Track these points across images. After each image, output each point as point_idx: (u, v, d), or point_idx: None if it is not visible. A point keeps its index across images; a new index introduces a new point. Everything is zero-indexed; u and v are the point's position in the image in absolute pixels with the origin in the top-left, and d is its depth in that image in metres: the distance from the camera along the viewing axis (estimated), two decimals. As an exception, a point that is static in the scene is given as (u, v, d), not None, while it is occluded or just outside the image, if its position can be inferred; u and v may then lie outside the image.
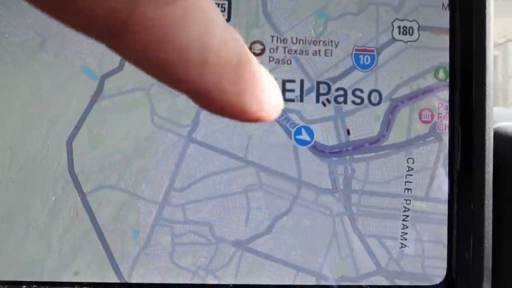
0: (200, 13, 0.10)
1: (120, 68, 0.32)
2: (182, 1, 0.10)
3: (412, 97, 0.34)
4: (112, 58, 0.32)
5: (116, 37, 0.10)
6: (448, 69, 0.35)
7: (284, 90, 0.33)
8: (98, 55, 0.32)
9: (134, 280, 0.32)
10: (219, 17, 0.11)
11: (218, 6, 0.33)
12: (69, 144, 0.32)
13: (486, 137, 0.33)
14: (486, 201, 0.33)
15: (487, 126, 0.33)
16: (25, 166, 0.31)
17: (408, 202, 0.34)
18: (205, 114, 0.33)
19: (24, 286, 0.30)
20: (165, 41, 0.10)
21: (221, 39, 0.11)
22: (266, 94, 0.12)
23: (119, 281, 0.31)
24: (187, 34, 0.10)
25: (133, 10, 0.09)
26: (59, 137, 0.32)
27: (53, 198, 0.31)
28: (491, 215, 0.33)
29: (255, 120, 0.12)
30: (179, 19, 0.10)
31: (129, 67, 0.32)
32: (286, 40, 0.34)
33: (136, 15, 0.10)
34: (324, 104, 0.34)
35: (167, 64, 0.10)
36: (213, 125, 0.33)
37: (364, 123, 0.34)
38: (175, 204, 0.32)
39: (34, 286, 0.30)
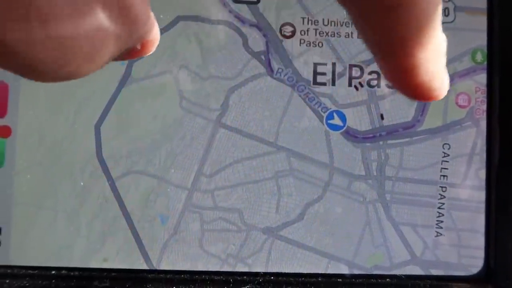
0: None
1: (148, 51, 0.32)
2: None
3: (448, 80, 0.33)
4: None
5: (387, 11, 0.12)
6: (486, 51, 0.33)
7: (315, 74, 0.32)
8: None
9: (164, 267, 0.31)
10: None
11: (248, -13, 0.32)
12: (97, 128, 0.31)
13: (527, 122, 0.32)
14: (527, 188, 0.32)
15: (527, 110, 0.32)
16: (53, 150, 0.31)
17: (444, 189, 0.33)
18: (234, 99, 0.32)
19: (53, 272, 0.30)
20: (421, 18, 0.12)
21: (440, 25, 0.13)
22: (445, 77, 0.14)
23: (148, 268, 0.31)
24: (432, 15, 0.12)
25: None
26: (87, 121, 0.31)
27: (81, 183, 0.31)
28: (532, 203, 0.32)
29: (429, 99, 0.14)
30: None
31: (157, 50, 0.32)
32: (318, 22, 0.33)
33: None
34: (356, 88, 0.33)
35: (403, 39, 0.12)
36: (242, 109, 0.32)
37: (398, 107, 0.33)
38: (204, 190, 0.32)
39: (63, 271, 0.30)
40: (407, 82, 0.14)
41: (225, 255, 0.31)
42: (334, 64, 0.33)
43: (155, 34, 0.14)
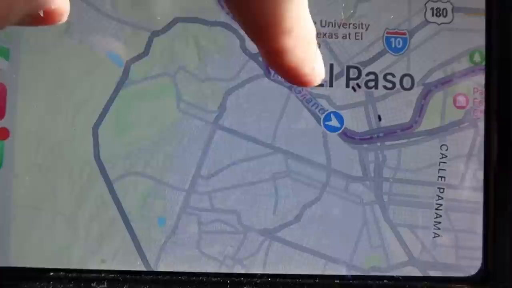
0: None
1: (145, 53, 0.32)
2: None
3: (446, 81, 0.33)
4: (138, 43, 0.32)
5: None
6: (484, 52, 0.33)
7: (312, 75, 0.32)
8: (123, 40, 0.32)
9: (161, 268, 0.31)
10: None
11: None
12: (95, 130, 0.31)
13: (525, 123, 0.32)
14: (524, 190, 0.32)
15: (526, 111, 0.32)
16: (51, 152, 0.31)
17: (441, 190, 0.33)
18: (231, 100, 0.32)
19: (51, 273, 0.30)
20: (281, 7, 0.13)
21: (306, 17, 0.14)
22: (317, 65, 0.15)
23: (146, 270, 0.31)
24: (291, 4, 0.13)
25: None
26: (85, 123, 0.31)
27: (79, 185, 0.31)
28: (530, 204, 0.32)
29: (303, 83, 0.15)
30: None
31: (154, 52, 0.32)
32: (315, 23, 0.32)
33: None
34: (354, 89, 0.33)
35: (266, 25, 0.13)
36: (240, 111, 0.32)
37: (396, 108, 0.33)
38: (202, 192, 0.32)
39: (61, 273, 0.30)
40: (278, 66, 0.14)
41: (222, 256, 0.31)
42: (331, 65, 0.33)
43: (60, 3, 0.15)
